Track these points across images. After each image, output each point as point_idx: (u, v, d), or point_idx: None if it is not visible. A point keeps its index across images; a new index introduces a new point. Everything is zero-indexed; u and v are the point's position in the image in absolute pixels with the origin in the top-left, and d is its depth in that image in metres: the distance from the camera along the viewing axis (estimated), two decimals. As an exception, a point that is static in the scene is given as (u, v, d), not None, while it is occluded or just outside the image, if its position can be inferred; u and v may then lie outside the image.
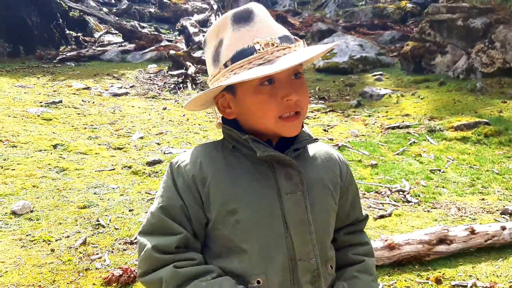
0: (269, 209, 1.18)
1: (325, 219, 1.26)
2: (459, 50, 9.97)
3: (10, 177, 4.53)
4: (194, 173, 1.19)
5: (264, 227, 1.17)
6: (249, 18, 1.16)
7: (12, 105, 6.92)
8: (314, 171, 1.26)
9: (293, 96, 1.15)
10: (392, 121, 7.67)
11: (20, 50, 11.57)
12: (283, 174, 1.20)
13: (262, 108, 1.16)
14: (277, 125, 1.17)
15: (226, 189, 1.18)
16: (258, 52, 1.12)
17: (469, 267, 3.36)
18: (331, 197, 1.27)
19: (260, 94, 1.15)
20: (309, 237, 1.19)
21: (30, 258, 3.25)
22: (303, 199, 1.20)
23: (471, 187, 4.97)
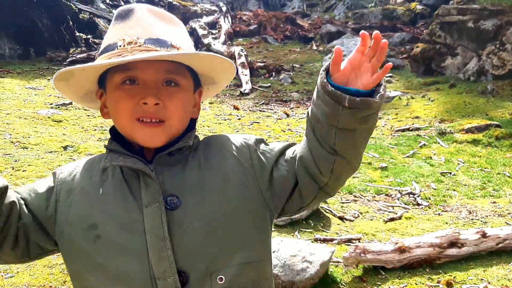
0: (131, 223, 1.08)
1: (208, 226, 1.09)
2: (469, 52, 9.90)
3: (21, 178, 4.57)
4: (63, 181, 1.16)
5: (125, 243, 1.07)
6: (126, 16, 1.13)
7: (23, 107, 6.97)
8: (194, 175, 1.13)
9: (150, 100, 1.07)
10: (402, 123, 7.63)
11: (31, 52, 11.66)
12: (144, 185, 1.10)
13: (117, 107, 1.11)
14: (133, 128, 1.10)
15: (90, 202, 1.11)
16: (119, 48, 1.08)
17: (480, 270, 3.34)
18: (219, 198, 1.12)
19: (119, 92, 1.10)
20: (165, 254, 1.06)
21: (41, 259, 3.27)
22: (158, 211, 1.07)
23: (482, 190, 4.94)
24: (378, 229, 4.00)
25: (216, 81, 1.26)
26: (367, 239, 3.82)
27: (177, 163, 1.14)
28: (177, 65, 1.12)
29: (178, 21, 1.20)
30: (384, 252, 3.32)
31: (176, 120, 1.12)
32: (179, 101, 1.12)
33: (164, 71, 1.10)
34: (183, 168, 1.14)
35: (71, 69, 1.10)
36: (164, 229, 1.07)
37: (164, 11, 1.19)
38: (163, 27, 1.13)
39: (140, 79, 1.09)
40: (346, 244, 3.72)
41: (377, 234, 3.91)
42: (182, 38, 1.16)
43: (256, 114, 8.27)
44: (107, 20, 15.23)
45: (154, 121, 1.09)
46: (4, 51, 11.15)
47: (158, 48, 1.08)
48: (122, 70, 1.09)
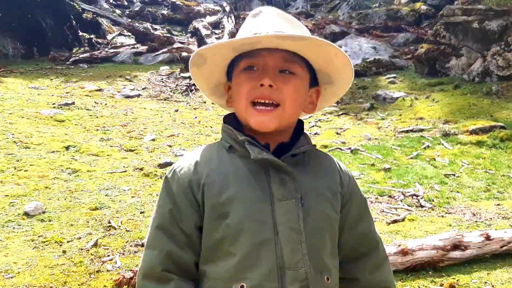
0: (260, 214, 1.16)
1: (321, 228, 1.22)
2: (474, 52, 9.85)
3: (23, 178, 4.56)
4: (189, 177, 1.21)
5: (253, 233, 1.16)
6: (257, 15, 1.26)
7: (26, 107, 6.98)
8: (311, 179, 1.24)
9: (266, 81, 1.17)
10: (406, 124, 7.60)
11: (34, 52, 11.68)
12: (277, 180, 1.18)
13: (238, 90, 1.22)
14: (247, 111, 1.19)
15: (218, 191, 1.18)
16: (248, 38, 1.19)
17: (484, 273, 3.31)
18: (329, 206, 1.24)
19: (240, 77, 1.22)
20: (299, 246, 1.16)
21: (42, 259, 3.26)
22: (295, 206, 1.17)
23: (486, 192, 4.90)
24: (381, 231, 3.98)
25: (333, 79, 1.32)
26: (370, 241, 3.79)
27: (297, 165, 1.23)
28: (295, 56, 1.21)
29: (301, 24, 1.29)
30: (387, 255, 3.30)
31: (289, 105, 1.20)
32: (293, 87, 1.21)
33: (282, 59, 1.20)
34: (302, 171, 1.23)
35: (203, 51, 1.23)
36: (300, 224, 1.17)
37: (289, 15, 1.30)
38: (288, 26, 1.23)
39: (259, 65, 1.20)
40: (349, 246, 3.69)
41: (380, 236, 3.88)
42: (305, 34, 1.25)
43: (259, 114, 8.25)
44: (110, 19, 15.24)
45: (269, 103, 1.19)
46: (7, 50, 11.17)
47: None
48: (247, 58, 1.21)
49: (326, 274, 1.21)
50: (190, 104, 8.56)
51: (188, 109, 8.24)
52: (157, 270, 1.19)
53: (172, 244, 1.20)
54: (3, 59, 10.74)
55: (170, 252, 1.20)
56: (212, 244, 1.19)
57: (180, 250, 1.20)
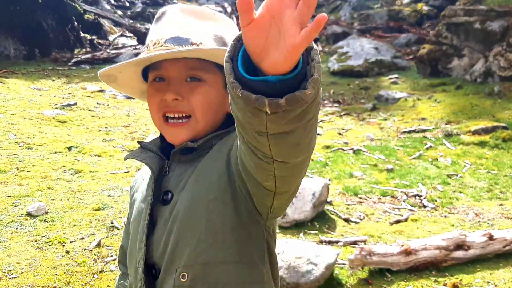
0: (139, 214, 1.20)
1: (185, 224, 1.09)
2: (476, 53, 9.85)
3: (26, 179, 4.57)
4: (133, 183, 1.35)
5: (134, 231, 1.21)
6: (159, 18, 1.21)
7: (28, 107, 6.99)
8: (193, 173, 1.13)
9: (168, 95, 1.12)
10: (408, 125, 7.59)
11: (36, 53, 11.70)
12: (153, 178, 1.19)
13: (149, 103, 1.19)
14: (162, 127, 1.18)
15: (133, 193, 1.30)
16: (147, 49, 1.15)
17: (487, 273, 3.31)
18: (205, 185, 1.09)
19: (150, 89, 1.18)
20: (141, 245, 1.14)
21: (45, 260, 3.26)
22: (147, 204, 1.16)
23: (489, 192, 4.89)
24: (384, 231, 3.98)
25: None
26: (372, 241, 3.80)
27: (192, 161, 1.17)
28: (200, 62, 1.14)
29: (212, 14, 1.21)
30: (390, 254, 3.30)
31: (201, 113, 1.14)
32: (201, 95, 1.14)
33: (186, 68, 1.14)
34: (190, 166, 1.16)
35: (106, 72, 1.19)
36: (145, 223, 1.14)
37: (200, 8, 1.22)
38: (191, 24, 1.16)
39: (166, 76, 1.15)
40: (352, 246, 3.69)
41: (383, 236, 3.88)
42: (210, 33, 1.16)
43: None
44: (112, 21, 15.26)
45: (179, 116, 1.14)
46: (9, 51, 11.18)
47: (176, 47, 1.11)
48: (154, 70, 1.17)
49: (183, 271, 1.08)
50: (192, 105, 8.56)
51: (190, 109, 8.25)
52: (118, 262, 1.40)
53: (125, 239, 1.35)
54: (5, 60, 10.76)
55: (122, 246, 1.38)
56: None
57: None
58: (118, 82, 1.25)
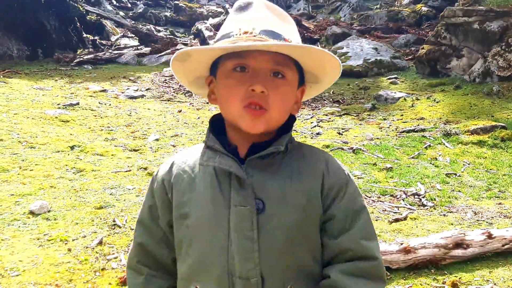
0: (217, 219, 1.14)
1: (286, 236, 1.13)
2: (475, 53, 9.87)
3: (29, 177, 4.60)
4: (164, 176, 1.24)
5: (208, 237, 1.15)
6: (245, 8, 1.18)
7: (31, 107, 7.02)
8: (282, 184, 1.16)
9: (257, 87, 1.11)
10: (407, 124, 7.62)
11: (39, 53, 11.74)
12: (236, 185, 1.14)
13: (227, 93, 1.16)
14: (242, 114, 1.14)
15: (183, 191, 1.20)
16: (235, 37, 1.13)
17: (486, 271, 3.33)
18: (299, 213, 1.15)
19: (230, 79, 1.15)
20: (251, 255, 1.11)
21: (47, 257, 3.29)
22: (250, 214, 1.12)
23: (487, 191, 4.92)
24: (383, 230, 4.00)
25: (320, 79, 1.27)
26: (372, 240, 3.82)
27: (269, 167, 1.17)
28: (286, 58, 1.15)
29: (290, 19, 1.23)
30: (389, 253, 3.32)
31: (276, 111, 1.15)
32: (282, 94, 1.16)
33: (274, 62, 1.14)
34: (273, 174, 1.17)
35: (188, 50, 1.16)
36: (254, 232, 1.12)
37: (279, 8, 1.22)
38: (277, 21, 1.17)
39: (250, 67, 1.14)
40: (351, 244, 3.71)
41: (382, 235, 3.91)
42: (293, 34, 1.19)
43: (261, 115, 8.27)
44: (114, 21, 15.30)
45: (258, 108, 1.13)
46: (12, 52, 11.22)
47: (271, 39, 1.12)
48: (235, 58, 1.14)
49: (289, 284, 1.14)
50: (193, 105, 8.59)
51: (191, 109, 8.28)
52: (133, 262, 1.28)
53: (149, 238, 1.26)
54: (8, 60, 10.80)
55: (143, 245, 1.27)
56: (177, 243, 1.21)
57: (157, 245, 1.26)
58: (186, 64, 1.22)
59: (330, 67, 1.21)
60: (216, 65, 1.20)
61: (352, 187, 1.22)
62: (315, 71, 1.23)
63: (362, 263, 1.17)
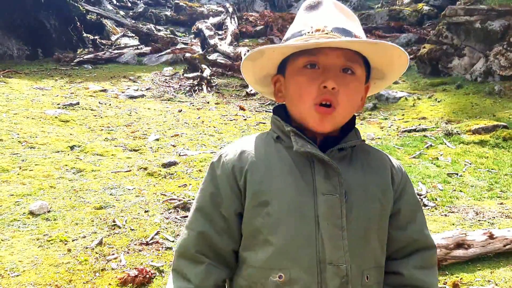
0: (302, 207, 1.15)
1: (365, 226, 1.18)
2: (477, 52, 9.85)
3: (28, 178, 4.59)
4: (233, 163, 1.21)
5: (294, 224, 1.15)
6: (315, 7, 1.21)
7: (31, 107, 7.02)
8: (359, 175, 1.21)
9: (330, 83, 1.13)
10: (409, 124, 7.60)
11: (39, 52, 11.73)
12: (322, 173, 1.16)
13: (299, 91, 1.17)
14: (311, 112, 1.16)
15: (261, 179, 1.17)
16: (307, 35, 1.16)
17: (488, 272, 3.32)
18: (376, 203, 1.20)
19: (301, 76, 1.17)
20: (341, 243, 1.14)
21: (47, 258, 3.29)
22: (339, 202, 1.15)
23: (489, 191, 4.90)
24: (384, 230, 3.99)
25: (386, 75, 1.30)
26: (373, 240, 3.81)
27: (343, 159, 1.21)
28: (355, 54, 1.17)
29: (356, 17, 1.25)
30: (390, 253, 3.31)
31: (344, 108, 1.18)
32: (352, 90, 1.18)
33: (344, 58, 1.16)
34: (348, 166, 1.21)
35: (263, 48, 1.19)
36: (343, 220, 1.15)
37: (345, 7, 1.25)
38: (346, 19, 1.20)
39: (321, 63, 1.16)
40: (352, 244, 3.70)
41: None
42: (361, 31, 1.22)
43: (262, 114, 8.28)
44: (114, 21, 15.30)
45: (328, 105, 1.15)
46: (12, 51, 11.22)
47: (343, 37, 1.14)
48: (306, 55, 1.16)
49: (367, 273, 1.19)
50: (194, 105, 8.58)
51: (191, 109, 8.27)
52: (191, 251, 1.21)
53: (210, 227, 1.21)
54: (8, 60, 10.80)
55: (205, 234, 1.21)
56: (252, 231, 1.18)
57: (217, 235, 1.21)
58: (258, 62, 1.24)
59: (398, 63, 1.24)
60: (284, 64, 1.23)
61: (410, 182, 1.31)
62: (382, 67, 1.26)
63: (426, 253, 1.27)
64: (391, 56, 1.21)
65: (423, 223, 1.30)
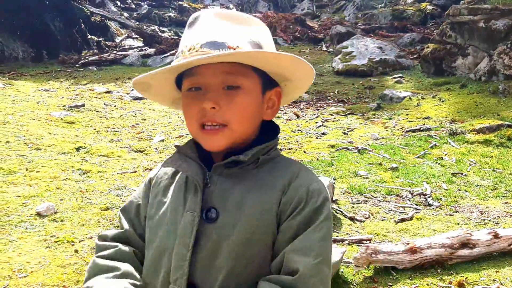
0: (172, 223, 1.15)
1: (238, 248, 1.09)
2: (480, 52, 9.83)
3: (35, 179, 4.62)
4: (151, 176, 1.30)
5: (161, 240, 1.16)
6: (193, 23, 1.16)
7: (36, 109, 7.06)
8: (241, 192, 1.12)
9: (206, 104, 1.09)
10: (413, 124, 7.60)
11: (44, 55, 11.79)
12: (192, 190, 1.15)
13: (185, 113, 1.17)
14: (199, 134, 1.15)
15: (157, 193, 1.24)
16: (182, 55, 1.11)
17: (493, 271, 3.32)
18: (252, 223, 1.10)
19: (186, 99, 1.16)
20: (183, 263, 1.10)
21: (54, 259, 3.31)
22: (192, 220, 1.11)
23: (494, 190, 4.90)
24: (389, 230, 4.00)
25: (288, 77, 1.20)
26: (378, 240, 3.82)
27: (234, 177, 1.15)
28: (238, 66, 1.10)
29: (252, 20, 1.18)
30: (395, 253, 3.32)
31: (237, 124, 1.12)
32: (238, 105, 1.12)
33: (222, 73, 1.10)
34: (237, 184, 1.14)
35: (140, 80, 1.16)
36: (191, 240, 1.10)
37: (235, 12, 1.19)
38: (227, 28, 1.12)
39: (202, 84, 1.12)
40: (357, 244, 3.72)
41: (388, 235, 3.91)
42: (246, 37, 1.13)
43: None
44: (118, 22, 15.35)
45: (215, 126, 1.11)
46: (17, 54, 11.28)
47: (212, 51, 1.07)
48: (189, 77, 1.14)
49: None
50: (198, 106, 8.60)
51: (195, 110, 8.28)
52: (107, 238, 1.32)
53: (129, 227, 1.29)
54: (13, 62, 10.86)
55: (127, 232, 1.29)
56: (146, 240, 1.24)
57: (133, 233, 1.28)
58: (152, 91, 1.22)
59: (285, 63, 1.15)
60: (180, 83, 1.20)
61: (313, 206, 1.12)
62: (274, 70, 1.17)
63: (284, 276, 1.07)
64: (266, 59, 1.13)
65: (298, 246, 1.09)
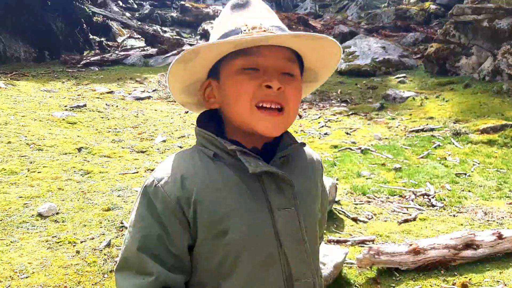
0: (261, 227, 1.07)
1: (315, 231, 1.17)
2: (484, 51, 9.79)
3: (37, 180, 4.61)
4: (177, 194, 1.06)
5: (256, 247, 1.06)
6: (245, 6, 1.13)
7: (38, 109, 7.05)
8: (302, 181, 1.15)
9: (275, 83, 1.04)
10: (416, 124, 7.57)
11: (45, 55, 11.80)
12: (273, 187, 1.08)
13: (238, 90, 1.07)
14: (252, 115, 1.06)
15: (213, 208, 1.06)
16: (244, 33, 1.06)
17: (497, 272, 3.30)
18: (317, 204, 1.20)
19: (240, 76, 1.07)
20: (305, 256, 1.10)
21: (56, 260, 3.30)
22: (296, 215, 1.09)
23: (498, 191, 4.88)
24: (392, 231, 3.98)
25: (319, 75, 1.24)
26: (381, 241, 3.80)
27: (284, 165, 1.14)
28: (293, 55, 1.11)
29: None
30: (398, 254, 3.30)
31: (292, 109, 1.10)
32: (296, 90, 1.11)
33: (284, 59, 1.09)
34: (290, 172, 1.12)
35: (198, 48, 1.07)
36: (303, 233, 1.10)
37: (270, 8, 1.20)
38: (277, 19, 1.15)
39: (261, 65, 1.07)
40: (360, 245, 3.70)
41: (391, 236, 3.88)
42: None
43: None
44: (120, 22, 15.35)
45: (275, 107, 1.07)
46: (19, 54, 11.29)
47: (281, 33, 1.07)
48: (244, 56, 1.07)
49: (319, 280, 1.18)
50: (200, 106, 8.59)
51: (198, 110, 8.27)
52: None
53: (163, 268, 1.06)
54: (15, 63, 10.87)
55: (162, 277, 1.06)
56: (215, 265, 1.08)
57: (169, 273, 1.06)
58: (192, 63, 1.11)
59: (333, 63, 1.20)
60: (216, 69, 1.13)
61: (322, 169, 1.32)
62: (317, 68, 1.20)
63: None
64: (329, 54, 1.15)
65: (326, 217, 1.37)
